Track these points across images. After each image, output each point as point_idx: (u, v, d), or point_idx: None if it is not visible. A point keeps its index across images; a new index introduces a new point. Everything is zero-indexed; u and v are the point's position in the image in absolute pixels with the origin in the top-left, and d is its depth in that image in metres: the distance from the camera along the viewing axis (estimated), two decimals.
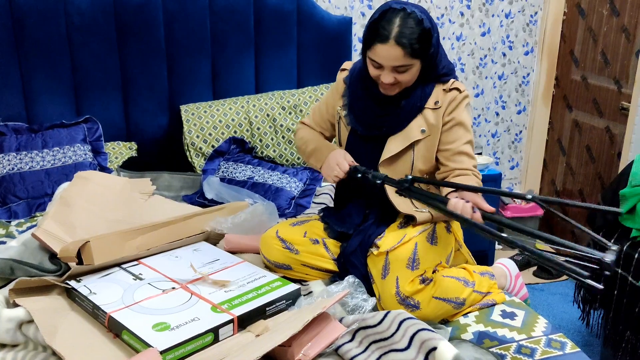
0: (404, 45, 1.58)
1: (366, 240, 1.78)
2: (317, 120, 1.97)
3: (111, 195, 2.13)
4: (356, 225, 1.83)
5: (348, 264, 1.80)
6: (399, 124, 1.75)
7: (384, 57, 1.61)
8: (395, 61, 1.60)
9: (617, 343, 2.12)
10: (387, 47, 1.59)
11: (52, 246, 1.79)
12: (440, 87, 1.74)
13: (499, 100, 3.54)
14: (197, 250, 1.92)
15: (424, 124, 1.74)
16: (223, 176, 2.52)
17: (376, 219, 1.82)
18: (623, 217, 2.10)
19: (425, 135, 1.74)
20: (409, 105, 1.73)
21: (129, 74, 2.71)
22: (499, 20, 3.36)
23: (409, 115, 1.74)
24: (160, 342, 1.36)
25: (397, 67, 1.62)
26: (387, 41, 1.58)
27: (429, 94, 1.74)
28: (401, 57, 1.60)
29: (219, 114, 2.72)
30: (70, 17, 2.55)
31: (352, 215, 1.85)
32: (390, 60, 1.61)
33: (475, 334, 1.60)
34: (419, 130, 1.74)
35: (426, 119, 1.74)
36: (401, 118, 1.74)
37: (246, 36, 2.82)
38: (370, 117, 1.78)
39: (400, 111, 1.74)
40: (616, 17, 2.95)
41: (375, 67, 1.66)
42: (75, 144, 2.51)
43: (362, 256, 1.78)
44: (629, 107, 2.84)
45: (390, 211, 1.79)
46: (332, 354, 1.45)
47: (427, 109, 1.73)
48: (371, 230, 1.80)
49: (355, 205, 1.86)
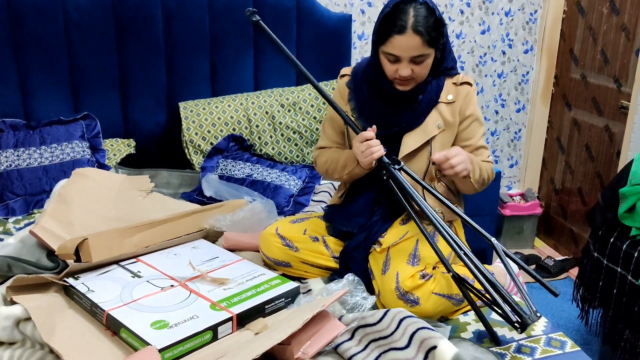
0: (422, 34, 1.60)
1: (371, 237, 1.79)
2: (330, 136, 1.95)
3: (109, 192, 2.11)
4: (361, 225, 1.83)
5: (350, 259, 1.79)
6: (416, 119, 1.76)
7: (402, 48, 1.63)
8: (414, 50, 1.63)
9: (616, 342, 2.12)
10: (405, 37, 1.60)
11: (50, 243, 1.78)
12: (450, 80, 1.78)
13: (499, 99, 3.53)
14: (196, 248, 1.91)
15: (439, 118, 1.77)
16: (222, 174, 2.51)
17: (382, 215, 1.82)
18: (622, 216, 2.09)
19: (441, 130, 1.77)
20: (425, 99, 1.76)
21: (127, 71, 2.70)
22: (498, 19, 3.35)
23: (426, 110, 1.76)
24: (158, 340, 1.35)
25: (415, 58, 1.65)
26: (404, 31, 1.60)
27: (442, 88, 1.77)
28: (420, 45, 1.62)
29: (217, 111, 2.71)
30: (69, 13, 2.54)
31: (359, 215, 1.85)
32: (409, 50, 1.63)
33: (475, 332, 1.60)
34: (435, 125, 1.77)
35: (441, 114, 1.77)
36: (418, 112, 1.76)
37: (245, 34, 2.81)
38: (383, 116, 1.78)
39: (418, 106, 1.76)
40: (616, 16, 2.95)
41: (392, 61, 1.67)
42: (74, 140, 2.50)
43: (364, 251, 1.78)
44: (628, 105, 2.84)
45: (397, 206, 1.79)
46: (331, 352, 1.45)
47: (441, 103, 1.77)
48: (377, 226, 1.80)
49: (365, 200, 1.85)
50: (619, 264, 2.09)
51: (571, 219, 3.42)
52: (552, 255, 3.41)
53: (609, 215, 2.18)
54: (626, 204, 2.08)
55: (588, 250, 2.28)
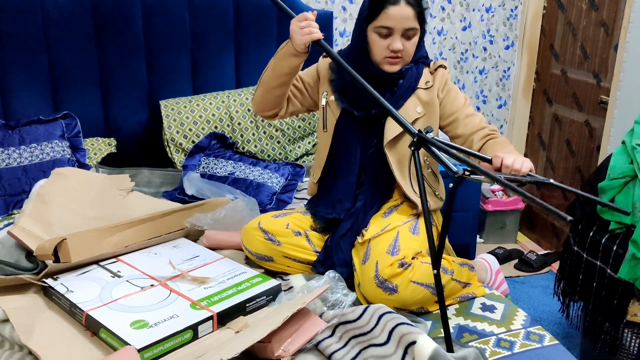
0: (413, 5, 1.70)
1: (359, 224, 1.81)
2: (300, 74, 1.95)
3: (89, 192, 2.10)
4: (347, 210, 1.85)
5: (335, 249, 1.80)
6: (395, 102, 1.80)
7: (397, 18, 1.70)
8: (407, 21, 1.71)
9: (596, 334, 2.14)
10: (399, 7, 1.69)
11: (29, 244, 1.77)
12: (427, 69, 1.86)
13: (480, 95, 3.55)
14: (177, 246, 1.90)
15: (418, 103, 1.82)
16: (204, 172, 2.50)
17: (366, 201, 1.84)
18: (602, 210, 2.12)
19: (422, 114, 1.82)
20: (405, 84, 1.81)
21: (107, 69, 2.68)
22: (479, 15, 3.37)
23: (405, 95, 1.82)
24: (138, 339, 1.35)
25: (407, 31, 1.72)
26: (398, 2, 1.69)
27: (421, 74, 1.84)
28: (412, 17, 1.71)
29: (199, 109, 2.70)
30: (47, 11, 2.51)
31: (342, 200, 1.86)
32: (402, 20, 1.70)
33: (455, 327, 1.60)
34: (415, 109, 1.81)
35: (420, 99, 1.83)
36: (398, 96, 1.80)
37: (226, 31, 2.80)
38: (365, 98, 1.79)
39: (397, 89, 1.81)
40: (595, 12, 2.97)
41: (384, 35, 1.74)
42: (53, 140, 2.48)
43: (350, 239, 1.80)
44: (607, 100, 2.87)
45: (380, 191, 1.83)
46: (312, 349, 1.45)
47: (419, 89, 1.83)
48: (362, 215, 1.82)
49: (345, 185, 1.87)
50: (598, 258, 2.11)
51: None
52: (534, 249, 3.44)
53: (588, 209, 2.20)
54: (605, 198, 2.10)
55: (568, 245, 2.30)
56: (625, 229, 2.04)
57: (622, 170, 2.08)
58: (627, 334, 2.07)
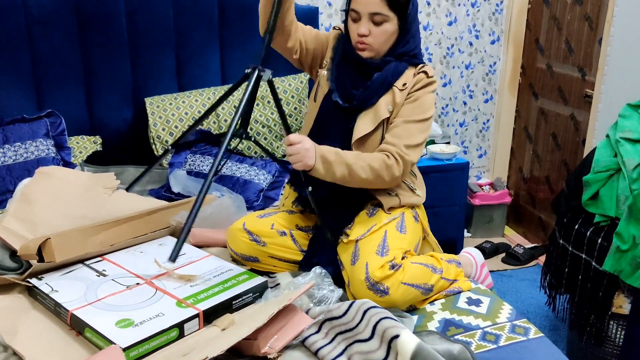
0: None
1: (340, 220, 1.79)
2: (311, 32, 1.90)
3: (74, 190, 2.08)
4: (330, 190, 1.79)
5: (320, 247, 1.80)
6: (369, 97, 1.76)
7: (362, 2, 1.68)
8: (372, 5, 1.68)
9: (582, 327, 2.16)
10: None
11: (13, 244, 1.75)
12: (412, 70, 1.78)
13: (467, 90, 3.56)
14: (163, 245, 1.89)
15: (391, 102, 1.77)
16: (190, 169, 2.49)
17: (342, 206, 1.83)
18: (586, 203, 2.13)
19: (391, 113, 1.77)
20: (380, 77, 1.76)
21: (91, 67, 2.66)
22: (465, 10, 3.38)
23: (379, 90, 1.76)
24: (123, 338, 1.34)
25: (374, 16, 1.69)
26: None
27: (401, 72, 1.77)
28: (378, 1, 1.67)
29: (184, 106, 2.69)
30: (29, 9, 2.49)
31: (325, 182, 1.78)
32: (367, 4, 1.68)
33: (441, 321, 1.61)
34: (386, 108, 1.76)
35: (393, 98, 1.76)
36: (371, 91, 1.76)
37: (210, 27, 2.78)
38: (346, 83, 1.78)
39: (372, 84, 1.76)
40: (579, 6, 2.99)
41: (354, 19, 1.72)
42: (38, 138, 2.46)
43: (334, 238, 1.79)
44: (592, 94, 2.88)
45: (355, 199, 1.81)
46: (298, 345, 1.45)
47: (395, 87, 1.76)
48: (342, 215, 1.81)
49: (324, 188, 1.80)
50: (583, 250, 2.12)
51: (540, 207, 3.47)
52: (521, 243, 3.46)
53: (573, 202, 2.21)
54: (589, 191, 2.12)
55: (554, 238, 2.31)
56: (609, 221, 2.05)
57: (606, 163, 2.10)
58: (613, 326, 2.09)
